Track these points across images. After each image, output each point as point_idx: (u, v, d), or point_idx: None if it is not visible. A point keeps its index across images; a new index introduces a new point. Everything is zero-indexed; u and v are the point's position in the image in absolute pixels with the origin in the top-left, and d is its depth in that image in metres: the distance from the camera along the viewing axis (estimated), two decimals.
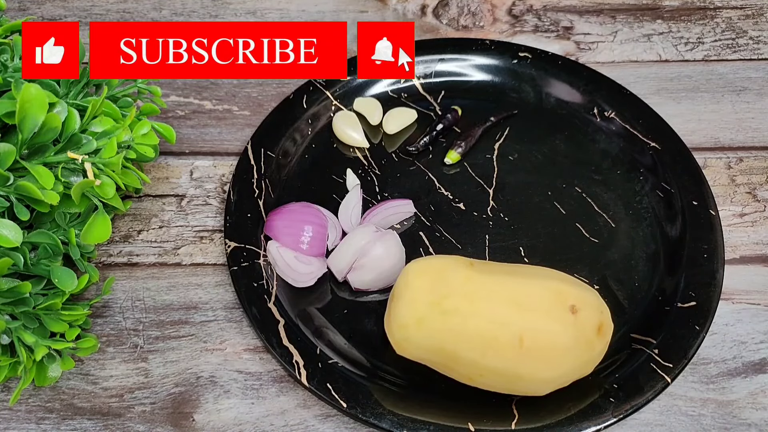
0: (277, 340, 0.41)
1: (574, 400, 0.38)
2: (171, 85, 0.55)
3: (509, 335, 0.35)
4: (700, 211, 0.46)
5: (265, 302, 0.42)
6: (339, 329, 0.43)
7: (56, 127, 0.36)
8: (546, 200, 0.49)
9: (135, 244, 0.47)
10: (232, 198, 0.47)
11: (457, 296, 0.36)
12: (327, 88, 0.53)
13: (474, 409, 0.38)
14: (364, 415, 0.38)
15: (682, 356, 0.40)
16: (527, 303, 0.35)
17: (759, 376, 0.42)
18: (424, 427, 0.37)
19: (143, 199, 0.49)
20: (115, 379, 0.42)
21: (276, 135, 0.50)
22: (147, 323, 0.44)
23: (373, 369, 0.41)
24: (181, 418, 0.40)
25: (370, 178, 0.50)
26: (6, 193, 0.35)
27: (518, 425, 0.37)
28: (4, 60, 0.39)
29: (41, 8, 0.60)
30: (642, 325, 0.42)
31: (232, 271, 0.44)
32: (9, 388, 0.42)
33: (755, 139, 0.53)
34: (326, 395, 0.39)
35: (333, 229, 0.46)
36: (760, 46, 0.59)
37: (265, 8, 0.61)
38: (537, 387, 0.36)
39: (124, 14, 0.60)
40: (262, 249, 0.45)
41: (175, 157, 0.52)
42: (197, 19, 0.60)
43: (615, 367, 0.40)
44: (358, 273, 0.43)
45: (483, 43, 0.55)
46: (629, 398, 0.38)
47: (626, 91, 0.52)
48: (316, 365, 0.40)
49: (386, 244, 0.43)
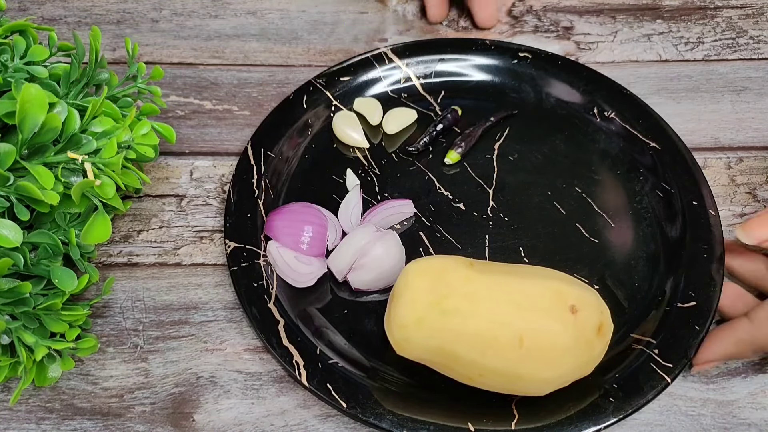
0: (277, 341, 0.41)
1: (574, 400, 0.38)
2: (171, 85, 0.56)
3: (509, 335, 0.35)
4: (699, 211, 0.46)
5: (265, 302, 0.42)
6: (339, 329, 0.43)
7: (56, 127, 0.36)
8: (546, 200, 0.49)
9: (135, 244, 0.47)
10: (232, 198, 0.47)
11: (457, 296, 0.36)
12: (327, 88, 0.53)
13: (474, 409, 0.38)
14: (364, 415, 0.38)
15: (682, 356, 0.40)
16: (527, 303, 0.35)
17: (759, 376, 0.42)
18: (423, 427, 0.37)
19: (143, 199, 0.49)
20: (115, 379, 0.42)
21: (276, 135, 0.50)
22: (147, 323, 0.44)
23: (373, 369, 0.41)
24: (181, 418, 0.40)
25: (370, 178, 0.50)
26: (6, 193, 0.35)
27: (518, 425, 0.38)
28: (4, 60, 0.39)
29: (41, 8, 0.60)
30: (642, 325, 0.42)
31: (232, 271, 0.44)
32: (9, 388, 0.42)
33: (755, 139, 0.53)
34: (326, 395, 0.39)
35: (333, 229, 0.46)
36: (760, 46, 0.59)
37: (265, 8, 0.61)
38: (537, 387, 0.36)
39: (124, 14, 0.60)
40: (262, 249, 0.45)
41: (175, 157, 0.52)
42: (197, 19, 0.60)
43: (615, 367, 0.40)
44: (358, 273, 0.43)
45: (483, 44, 0.55)
46: (629, 398, 0.38)
47: (626, 91, 0.52)
48: (316, 365, 0.40)
49: (386, 244, 0.43)
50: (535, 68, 0.54)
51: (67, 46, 0.43)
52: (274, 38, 0.59)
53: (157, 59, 0.57)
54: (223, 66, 0.57)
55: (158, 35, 0.59)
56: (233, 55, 0.58)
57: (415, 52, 0.55)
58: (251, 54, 0.58)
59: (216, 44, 0.58)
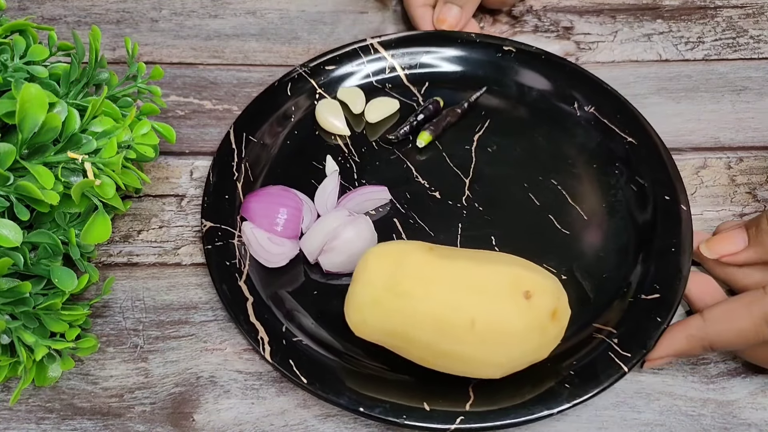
0: (245, 317, 0.41)
1: (530, 385, 0.39)
2: (171, 85, 0.55)
3: (461, 318, 0.35)
4: (671, 206, 0.46)
5: (236, 280, 0.43)
6: (307, 310, 0.43)
7: (56, 127, 0.36)
8: (521, 192, 0.49)
9: (135, 244, 0.47)
10: (212, 179, 0.47)
11: (412, 279, 0.36)
12: (312, 76, 0.53)
13: (432, 390, 0.39)
14: (323, 391, 0.39)
15: (641, 346, 0.40)
16: (481, 287, 0.35)
17: (759, 376, 0.42)
18: (380, 404, 0.38)
19: (143, 199, 0.49)
20: (115, 379, 0.42)
21: (259, 120, 0.51)
22: (147, 323, 0.44)
23: (337, 349, 0.42)
24: (181, 418, 0.40)
25: (349, 165, 0.50)
26: (6, 193, 0.35)
27: (472, 407, 0.38)
28: (4, 60, 0.39)
29: (41, 8, 0.60)
30: (605, 315, 0.43)
31: (206, 250, 0.44)
32: (9, 388, 0.42)
33: (755, 139, 0.53)
34: (288, 371, 0.39)
35: (308, 213, 0.47)
36: (760, 45, 0.59)
37: (265, 8, 0.61)
38: (491, 370, 0.37)
39: (124, 14, 0.60)
40: (238, 230, 0.46)
41: (175, 157, 0.52)
42: (197, 19, 0.60)
43: (574, 355, 0.41)
44: (328, 255, 0.44)
45: (468, 37, 0.55)
46: (585, 385, 0.39)
47: (607, 86, 0.53)
48: (281, 342, 0.41)
49: (357, 228, 0.44)
50: (519, 62, 0.54)
51: (67, 45, 0.43)
52: (274, 38, 0.59)
53: (157, 59, 0.57)
54: (223, 66, 0.57)
55: (158, 35, 0.59)
56: (233, 55, 0.58)
57: (402, 44, 0.55)
58: (251, 54, 0.58)
59: (216, 44, 0.58)
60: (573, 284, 0.44)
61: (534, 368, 0.38)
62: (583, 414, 0.41)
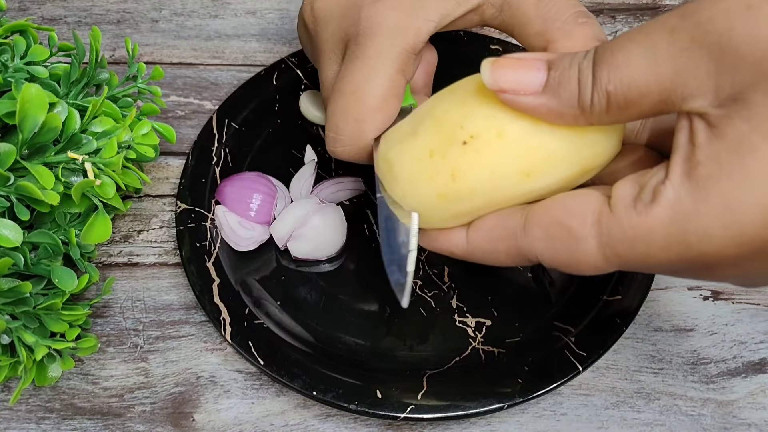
0: (209, 298, 0.42)
1: (483, 379, 0.39)
2: (171, 85, 0.56)
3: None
4: None
5: (204, 261, 0.44)
6: (273, 294, 0.44)
7: (56, 127, 0.36)
8: None
9: (135, 244, 0.47)
10: (190, 163, 0.48)
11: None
12: (298, 66, 0.53)
13: (387, 379, 0.40)
14: (278, 374, 0.39)
15: (598, 347, 0.40)
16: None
17: (759, 376, 0.42)
18: (333, 389, 0.38)
19: (143, 199, 0.50)
20: (115, 379, 0.42)
21: (242, 107, 0.51)
22: (147, 323, 0.44)
23: (297, 334, 0.42)
24: (181, 418, 0.40)
25: (328, 156, 0.50)
26: (6, 193, 0.35)
27: (424, 397, 0.39)
28: (4, 60, 0.39)
29: (41, 8, 0.60)
30: (566, 314, 0.43)
31: (178, 231, 0.44)
32: (9, 388, 0.42)
33: None
34: (246, 352, 0.40)
35: (282, 200, 0.47)
36: None
37: (265, 8, 0.61)
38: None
39: (124, 14, 0.60)
40: (211, 213, 0.46)
41: (175, 157, 0.52)
42: (197, 19, 0.60)
43: (530, 351, 0.41)
44: (296, 242, 0.44)
45: (457, 35, 0.55)
46: (537, 381, 0.39)
47: None
48: (242, 324, 0.41)
49: (325, 216, 0.45)
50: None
51: (67, 46, 0.43)
52: (274, 38, 0.59)
53: (157, 59, 0.57)
54: (223, 66, 0.57)
55: (158, 35, 0.59)
56: (233, 55, 0.58)
57: None
58: (251, 54, 0.58)
59: (216, 44, 0.58)
60: (536, 283, 0.45)
61: (489, 363, 0.40)
62: (583, 413, 0.41)
